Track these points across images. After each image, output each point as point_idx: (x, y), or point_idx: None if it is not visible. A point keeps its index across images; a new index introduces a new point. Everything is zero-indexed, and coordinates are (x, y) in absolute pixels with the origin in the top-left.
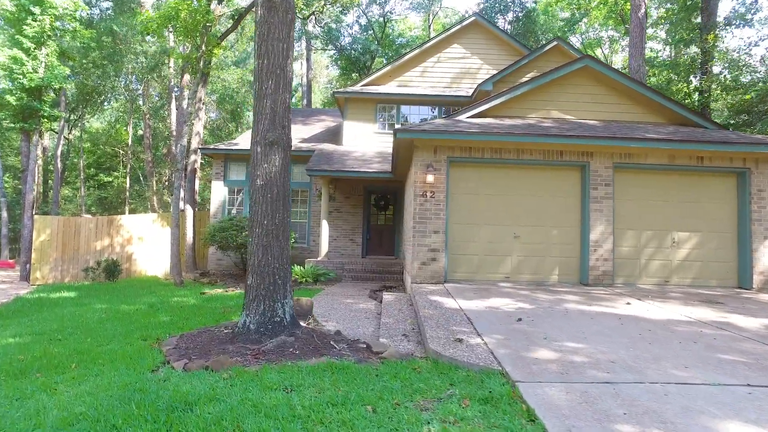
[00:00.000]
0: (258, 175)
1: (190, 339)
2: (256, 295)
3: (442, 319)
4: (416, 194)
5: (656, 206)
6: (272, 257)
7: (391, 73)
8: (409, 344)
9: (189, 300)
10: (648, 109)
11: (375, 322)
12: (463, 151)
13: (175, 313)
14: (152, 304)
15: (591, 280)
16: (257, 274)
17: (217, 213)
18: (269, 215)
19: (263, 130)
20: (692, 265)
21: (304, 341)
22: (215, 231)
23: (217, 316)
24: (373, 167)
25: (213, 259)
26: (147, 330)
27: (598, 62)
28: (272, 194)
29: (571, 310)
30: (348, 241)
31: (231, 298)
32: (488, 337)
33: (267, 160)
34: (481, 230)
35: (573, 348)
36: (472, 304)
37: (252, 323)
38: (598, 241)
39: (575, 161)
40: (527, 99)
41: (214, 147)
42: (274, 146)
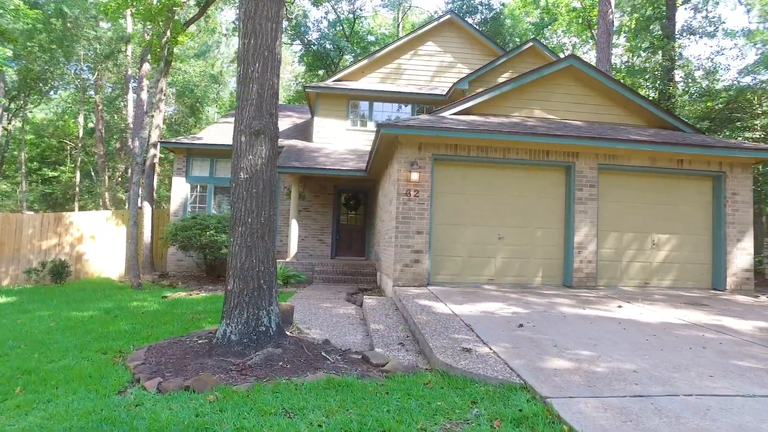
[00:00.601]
0: (241, 167)
1: (159, 351)
2: (238, 301)
3: (439, 326)
4: (399, 193)
5: (637, 208)
6: (257, 259)
7: (364, 69)
8: (408, 354)
9: (150, 305)
10: (628, 111)
11: (361, 329)
12: (448, 148)
13: (137, 320)
14: (108, 309)
15: (575, 282)
16: (240, 278)
17: (178, 211)
18: (254, 212)
19: (248, 118)
20: (671, 267)
21: (293, 353)
22: (177, 230)
23: (185, 323)
24: (346, 165)
25: (173, 259)
26: (106, 341)
27: (582, 62)
28: (258, 189)
29: (568, 315)
30: (317, 241)
31: (197, 303)
32: (496, 346)
33: (252, 151)
34: (466, 231)
35: (587, 356)
36: (464, 309)
37: (234, 333)
38: (583, 242)
39: (561, 161)
40: (511, 97)
41: (176, 141)
42: (260, 136)
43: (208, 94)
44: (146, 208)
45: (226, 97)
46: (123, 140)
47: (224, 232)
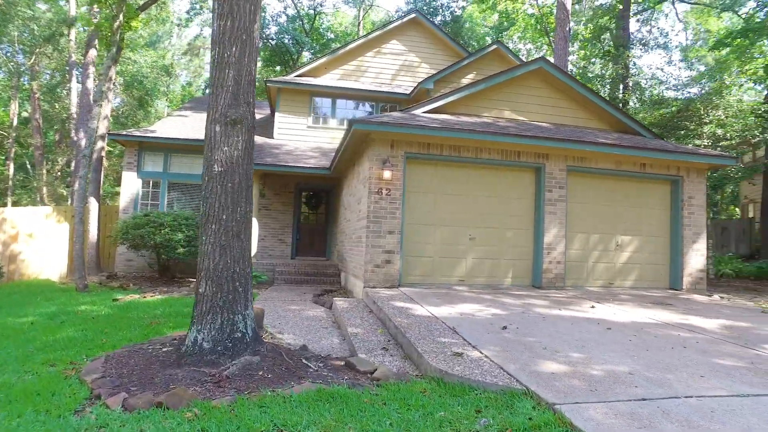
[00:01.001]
0: (215, 160)
1: (119, 362)
2: (211, 306)
3: (422, 330)
4: (371, 191)
5: (602, 210)
6: (232, 260)
7: (327, 65)
8: (393, 360)
9: (100, 309)
10: (593, 115)
11: (336, 332)
12: (421, 147)
13: (87, 325)
14: (52, 314)
15: (544, 283)
16: (212, 280)
17: (128, 208)
18: (229, 209)
19: (224, 106)
20: (633, 267)
21: (272, 361)
22: (129, 228)
23: (144, 329)
24: (309, 163)
25: (121, 259)
26: (53, 351)
27: (551, 65)
28: (233, 183)
29: (547, 316)
30: (277, 241)
31: (153, 306)
32: (486, 350)
33: (228, 142)
34: (437, 231)
35: (579, 359)
36: (443, 311)
37: (206, 341)
38: (552, 243)
39: (531, 163)
40: (482, 97)
41: (127, 133)
42: (236, 126)
43: (158, 86)
44: (92, 205)
45: (178, 91)
46: (65, 131)
47: (180, 231)
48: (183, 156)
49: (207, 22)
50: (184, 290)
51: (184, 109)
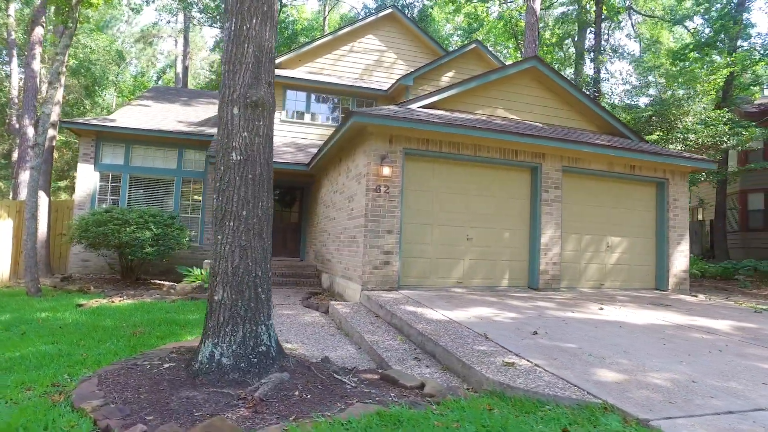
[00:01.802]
0: (234, 147)
1: (117, 383)
2: (231, 315)
3: (452, 336)
4: (368, 188)
5: (593, 211)
6: (253, 262)
7: (301, 57)
8: (430, 371)
9: (65, 316)
10: (582, 116)
11: (346, 340)
12: (420, 143)
13: (57, 337)
14: (7, 323)
15: (541, 284)
16: (232, 286)
17: (84, 203)
18: (250, 203)
19: (243, 86)
20: (621, 269)
21: (303, 377)
22: (89, 225)
23: (128, 340)
24: (285, 158)
25: (76, 260)
26: (25, 371)
27: (544, 65)
28: (254, 175)
29: (565, 319)
30: None
31: (127, 312)
32: (533, 358)
33: (248, 127)
34: (435, 231)
35: (631, 366)
36: (459, 315)
37: (225, 356)
38: (548, 244)
39: (528, 162)
40: (476, 94)
41: (84, 121)
42: (257, 109)
43: (107, 74)
44: (42, 199)
45: (128, 81)
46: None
47: (147, 228)
48: (146, 148)
49: (165, 7)
50: (155, 293)
51: (144, 98)
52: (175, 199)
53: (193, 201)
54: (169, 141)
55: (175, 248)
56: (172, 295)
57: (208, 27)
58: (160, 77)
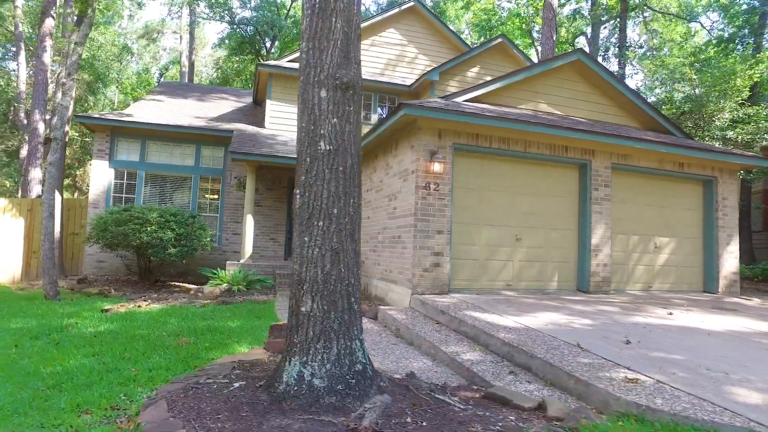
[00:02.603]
0: (322, 135)
1: (188, 407)
2: (323, 329)
3: (543, 347)
4: (417, 186)
5: (641, 210)
6: (346, 268)
7: None
8: (531, 386)
9: (94, 323)
10: (625, 111)
11: (413, 350)
12: (469, 138)
13: (95, 348)
14: (35, 332)
15: (591, 286)
16: (323, 295)
17: (99, 201)
18: (341, 200)
19: (332, 66)
20: (670, 270)
21: (405, 400)
22: (108, 224)
23: (176, 352)
24: None
25: (91, 261)
26: (74, 390)
27: (589, 58)
28: (345, 167)
29: (646, 325)
30: (269, 240)
31: (160, 319)
32: (651, 373)
33: (337, 112)
34: (483, 231)
35: (764, 384)
36: (532, 322)
37: (318, 377)
38: (599, 245)
39: (577, 159)
40: (519, 88)
41: (99, 116)
42: (348, 92)
43: (110, 71)
44: (56, 198)
45: (132, 77)
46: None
47: (170, 228)
48: (162, 144)
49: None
50: (181, 297)
51: (156, 93)
52: (193, 198)
53: (210, 199)
54: (187, 137)
55: (198, 249)
56: (200, 299)
57: (218, 22)
58: (163, 74)
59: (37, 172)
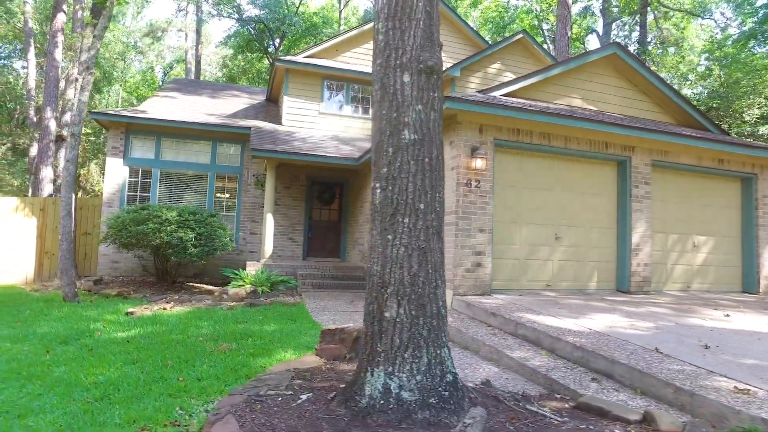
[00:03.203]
0: (406, 124)
1: (261, 424)
2: (410, 337)
3: (619, 351)
4: (459, 183)
5: (679, 208)
6: (433, 269)
7: (338, 46)
8: (623, 395)
9: (123, 328)
10: (660, 107)
11: (470, 354)
12: (510, 133)
13: (133, 354)
14: (64, 336)
15: (632, 286)
16: (411, 300)
17: (113, 200)
18: (428, 195)
19: (415, 47)
20: (708, 269)
21: (500, 412)
22: (126, 224)
23: (220, 359)
24: (328, 151)
25: (105, 261)
26: (124, 403)
27: (626, 52)
28: (431, 158)
29: (712, 329)
30: (287, 240)
31: (191, 322)
32: (753, 383)
33: (422, 99)
34: (522, 229)
35: None
36: (593, 325)
37: (406, 389)
38: (639, 244)
39: (616, 155)
40: (553, 83)
41: (114, 112)
42: (432, 76)
43: (115, 70)
44: (72, 196)
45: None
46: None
47: (190, 228)
48: (178, 141)
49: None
50: (205, 299)
51: (168, 90)
52: (209, 196)
53: (227, 198)
54: (203, 134)
55: (219, 249)
56: (225, 300)
57: (226, 18)
58: (167, 73)
59: (49, 171)
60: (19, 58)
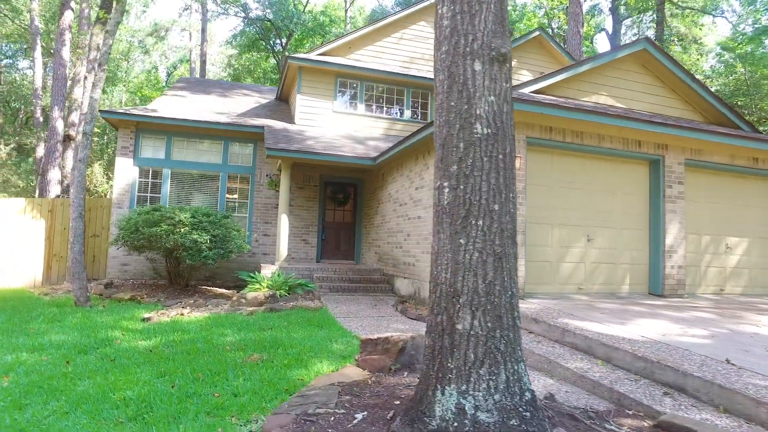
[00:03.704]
0: (478, 116)
1: None
2: (486, 351)
3: (692, 364)
4: None
5: (711, 208)
6: (509, 276)
7: (351, 44)
8: (705, 414)
9: (142, 336)
10: (688, 104)
11: None
12: (543, 131)
13: (160, 366)
14: (82, 345)
15: (666, 290)
16: (486, 310)
17: (123, 201)
18: (502, 194)
19: (487, 33)
20: (741, 272)
21: None
22: (138, 225)
23: (257, 372)
24: (343, 151)
25: (115, 264)
26: (164, 423)
27: (656, 47)
28: (505, 154)
29: None
30: (300, 241)
31: (212, 329)
32: None
33: (494, 89)
34: (554, 231)
35: None
36: (642, 332)
37: (484, 410)
38: (673, 246)
39: (649, 154)
40: (582, 80)
41: (124, 111)
42: (504, 65)
43: (120, 69)
44: (84, 197)
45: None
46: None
47: (204, 230)
48: (189, 141)
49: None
50: (222, 303)
51: (177, 89)
52: (221, 197)
53: (239, 199)
54: (215, 133)
55: (234, 251)
56: (243, 305)
57: (233, 16)
58: (170, 73)
59: (56, 172)
60: (24, 58)
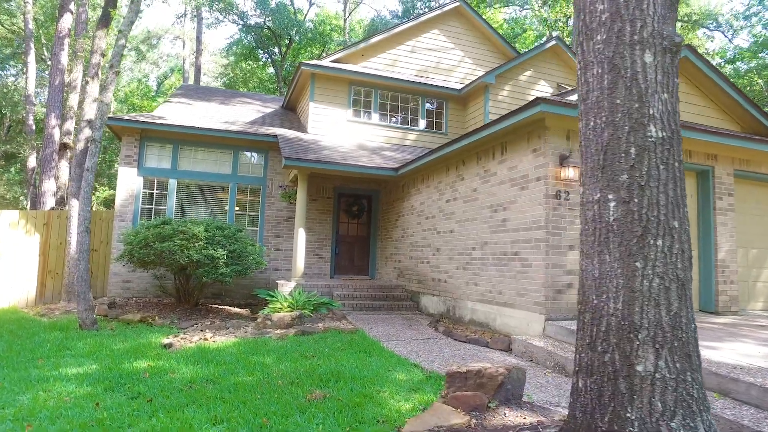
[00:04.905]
0: (651, 117)
1: None
2: (677, 399)
3: None
4: (547, 195)
5: (758, 221)
6: (690, 306)
7: (364, 51)
8: None
9: (175, 367)
10: (724, 113)
11: None
12: None
13: (209, 407)
14: (108, 379)
15: (719, 307)
16: (673, 348)
17: (126, 213)
18: (680, 208)
19: (657, 19)
20: None
21: None
22: (149, 240)
23: (334, 415)
24: (361, 161)
25: (116, 281)
26: None
27: (695, 53)
28: (680, 161)
29: None
30: (314, 256)
31: (249, 358)
32: None
33: (668, 85)
34: None
35: None
36: (733, 358)
37: None
38: (725, 260)
39: (698, 165)
40: None
41: (129, 118)
42: (676, 57)
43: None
44: (74, 209)
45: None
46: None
47: (220, 245)
48: (196, 150)
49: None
50: (244, 325)
51: (179, 96)
52: (230, 209)
53: (249, 211)
54: (224, 142)
55: (252, 267)
56: (269, 327)
57: (231, 24)
58: (161, 82)
59: (51, 182)
60: (16, 62)
